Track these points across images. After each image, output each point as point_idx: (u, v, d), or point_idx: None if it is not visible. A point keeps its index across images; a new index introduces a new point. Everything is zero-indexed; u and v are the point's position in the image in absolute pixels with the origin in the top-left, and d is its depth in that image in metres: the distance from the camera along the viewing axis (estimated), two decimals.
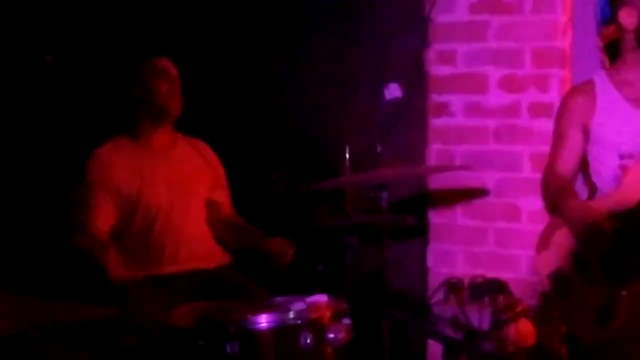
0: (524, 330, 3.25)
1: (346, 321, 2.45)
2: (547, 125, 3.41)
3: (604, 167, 2.70)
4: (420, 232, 3.66)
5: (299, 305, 2.43)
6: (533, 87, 3.48)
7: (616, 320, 2.55)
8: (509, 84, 3.52)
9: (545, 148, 3.38)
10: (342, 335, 2.40)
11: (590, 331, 2.65)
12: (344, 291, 2.75)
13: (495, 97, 3.54)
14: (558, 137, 2.82)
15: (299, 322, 2.36)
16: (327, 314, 2.42)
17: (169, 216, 3.21)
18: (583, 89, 2.77)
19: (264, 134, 3.91)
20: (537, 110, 3.47)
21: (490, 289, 3.44)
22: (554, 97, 3.43)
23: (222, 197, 3.40)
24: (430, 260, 3.68)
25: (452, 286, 3.55)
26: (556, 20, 3.44)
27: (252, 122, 3.93)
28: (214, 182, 3.38)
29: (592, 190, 2.78)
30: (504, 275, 3.42)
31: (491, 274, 3.43)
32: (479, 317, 3.26)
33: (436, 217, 3.68)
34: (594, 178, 2.75)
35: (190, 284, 3.14)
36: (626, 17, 2.67)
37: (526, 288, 3.39)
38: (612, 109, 2.68)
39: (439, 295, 3.57)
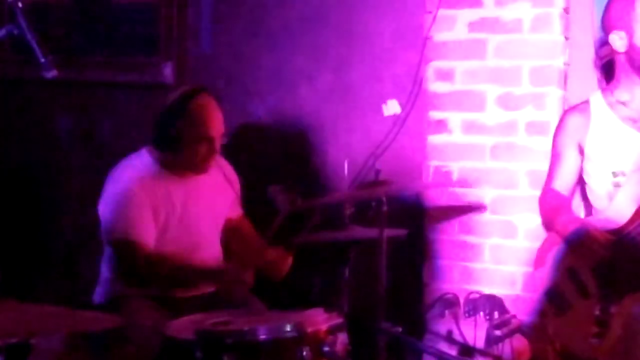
0: (518, 346, 3.29)
1: (343, 335, 2.48)
2: (543, 143, 3.46)
3: (599, 185, 2.75)
4: (417, 247, 3.68)
5: (296, 319, 2.45)
6: (530, 105, 3.51)
7: (611, 335, 2.58)
8: (507, 102, 3.55)
9: (542, 166, 3.43)
10: (338, 349, 2.42)
11: (585, 347, 2.68)
12: (340, 305, 2.77)
13: (493, 115, 3.58)
14: (555, 156, 2.88)
15: (296, 335, 2.38)
16: (324, 327, 2.44)
17: (193, 248, 3.18)
18: (579, 109, 2.84)
19: (265, 148, 3.95)
20: (534, 128, 3.50)
21: (485, 305, 3.48)
22: (550, 115, 3.46)
23: (237, 211, 3.43)
24: (427, 276, 3.70)
25: (448, 302, 3.60)
26: (554, 39, 3.47)
27: (252, 139, 3.96)
28: (234, 201, 3.40)
29: (588, 207, 2.83)
30: (499, 291, 3.47)
31: (487, 290, 3.48)
32: (474, 333, 3.29)
33: (433, 233, 3.71)
34: (590, 195, 2.81)
35: (194, 306, 3.09)
36: (617, 40, 2.72)
37: (522, 304, 3.42)
38: (607, 128, 2.74)
39: (435, 311, 3.61)
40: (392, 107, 3.82)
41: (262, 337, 2.38)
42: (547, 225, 2.87)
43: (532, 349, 3.27)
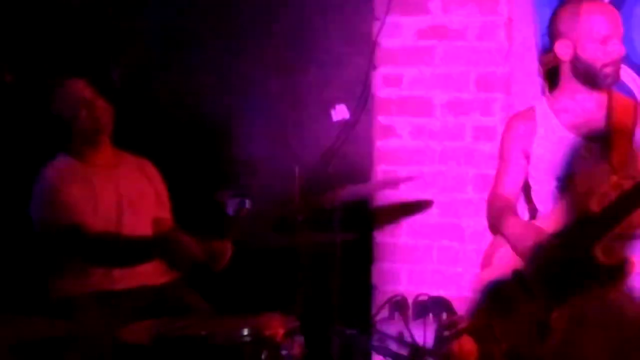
0: (466, 347, 3.35)
1: (299, 338, 2.50)
2: (489, 148, 3.55)
3: (544, 190, 2.81)
4: (366, 251, 3.73)
5: (253, 323, 2.47)
6: (477, 111, 3.59)
7: (554, 336, 2.65)
8: (454, 108, 3.63)
9: (488, 170, 3.51)
10: (295, 351, 2.45)
11: (530, 347, 2.74)
12: (295, 308, 2.80)
13: (441, 120, 3.65)
14: (502, 160, 2.95)
15: (254, 339, 2.40)
16: (281, 331, 2.46)
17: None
18: (524, 115, 2.90)
19: (213, 154, 3.95)
20: (481, 133, 3.59)
21: (434, 307, 3.54)
22: (496, 121, 3.56)
23: (165, 213, 3.45)
24: (376, 279, 3.75)
25: (397, 304, 3.64)
26: (499, 47, 3.56)
27: (201, 143, 3.96)
28: (157, 199, 3.42)
29: (533, 211, 2.91)
30: (447, 293, 3.53)
31: (435, 292, 3.55)
32: (424, 334, 3.35)
33: (381, 237, 3.76)
34: (535, 199, 2.88)
35: (136, 301, 3.17)
36: (562, 49, 2.80)
37: (469, 306, 3.49)
38: (551, 134, 2.79)
39: (385, 313, 3.66)
40: (340, 113, 3.86)
41: (220, 342, 2.39)
42: (494, 227, 2.94)
43: (480, 350, 3.34)
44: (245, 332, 2.43)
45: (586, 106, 2.76)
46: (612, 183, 2.61)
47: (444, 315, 3.47)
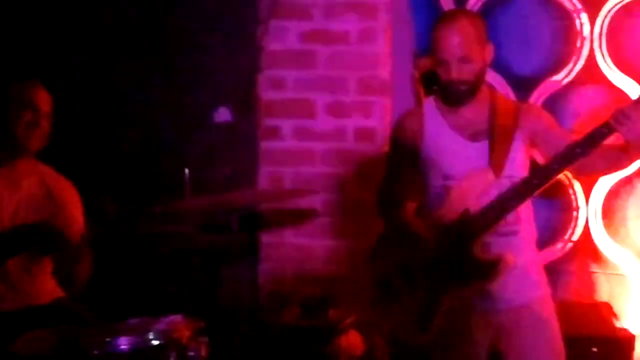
0: (353, 341, 3.46)
1: (205, 339, 2.52)
2: (370, 148, 3.69)
3: (431, 187, 2.88)
4: (253, 251, 3.77)
5: (158, 326, 2.47)
6: (358, 113, 3.72)
7: (435, 325, 2.78)
8: (336, 110, 3.74)
9: (370, 170, 3.65)
10: (202, 353, 2.46)
11: (412, 336, 2.85)
12: (198, 310, 2.80)
13: (323, 122, 3.75)
14: (391, 158, 2.99)
15: (161, 342, 2.40)
16: (187, 333, 2.47)
17: None
18: (413, 114, 2.95)
19: (99, 156, 3.87)
20: (362, 134, 3.72)
21: (321, 304, 3.64)
22: (376, 123, 3.70)
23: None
24: (262, 279, 3.80)
25: (284, 302, 3.72)
26: (378, 51, 3.70)
27: (86, 145, 3.87)
28: (61, 211, 3.28)
29: (420, 207, 2.99)
30: (333, 290, 3.64)
31: (323, 289, 3.64)
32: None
33: (267, 237, 3.81)
34: (422, 197, 2.95)
35: (24, 320, 3.01)
36: (426, 62, 2.92)
37: (355, 300, 3.62)
38: (438, 134, 2.85)
39: (273, 311, 3.72)
40: (223, 115, 3.89)
41: (126, 347, 2.37)
42: (383, 220, 3.01)
43: (366, 343, 3.46)
44: (152, 336, 2.42)
45: (469, 108, 2.81)
46: (490, 184, 2.72)
47: (331, 312, 3.58)
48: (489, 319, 2.79)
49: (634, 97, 3.67)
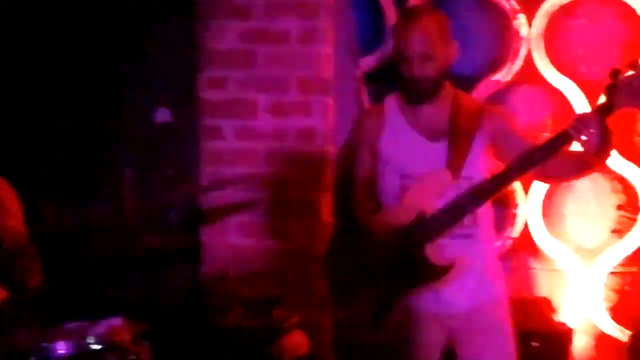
0: (297, 340, 3.45)
1: (146, 342, 2.48)
2: (311, 148, 3.68)
3: (388, 186, 2.81)
4: (194, 252, 3.74)
5: (98, 330, 2.42)
6: (299, 112, 3.71)
7: (390, 324, 2.77)
8: (277, 110, 3.72)
9: (311, 170, 3.65)
10: (144, 356, 2.43)
11: (369, 334, 2.82)
12: (139, 312, 2.76)
13: (264, 122, 3.73)
14: (353, 154, 2.89)
15: (102, 347, 2.35)
16: (127, 336, 2.43)
17: None
18: (374, 111, 2.89)
19: (35, 157, 3.79)
20: (303, 134, 3.71)
21: (265, 304, 3.63)
22: (317, 122, 3.69)
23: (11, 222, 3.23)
24: (205, 280, 3.77)
25: (228, 303, 3.69)
26: (319, 51, 3.70)
27: (24, 145, 3.79)
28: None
29: (378, 206, 2.87)
30: (279, 290, 3.63)
31: (267, 289, 3.63)
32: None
33: (208, 238, 3.78)
34: (380, 195, 2.86)
35: None
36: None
37: (300, 301, 3.62)
38: (397, 132, 2.80)
39: (216, 312, 3.69)
40: (163, 115, 3.85)
41: (65, 351, 2.32)
42: (337, 219, 2.95)
43: (310, 343, 3.45)
44: (92, 340, 2.37)
45: (431, 107, 2.75)
46: (447, 185, 2.66)
47: (275, 312, 3.56)
48: (442, 322, 2.77)
49: (573, 98, 3.79)
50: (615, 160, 3.66)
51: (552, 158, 2.59)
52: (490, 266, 2.82)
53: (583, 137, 2.54)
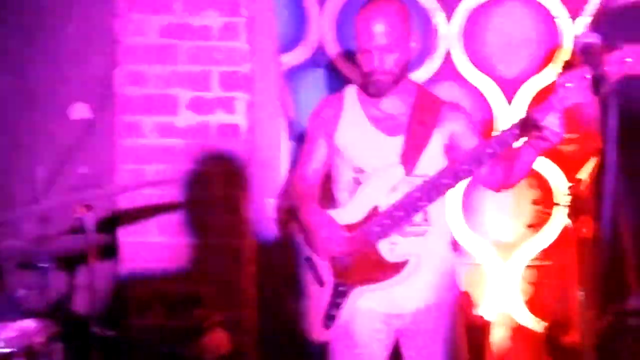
0: (218, 339, 3.43)
1: (58, 344, 2.43)
2: (234, 144, 3.66)
3: (342, 179, 2.76)
4: (115, 251, 3.67)
5: (7, 333, 2.35)
6: (220, 109, 3.68)
7: (340, 321, 2.72)
8: (198, 106, 3.68)
9: (233, 167, 3.62)
10: (56, 358, 2.37)
11: (318, 332, 2.77)
12: (54, 314, 2.70)
13: (185, 118, 3.69)
14: (306, 144, 2.85)
15: (12, 350, 2.29)
16: (39, 339, 2.37)
17: None
18: (332, 101, 2.80)
19: None
20: (225, 130, 3.68)
21: (185, 303, 3.60)
22: (239, 118, 3.67)
23: None
24: (123, 280, 3.70)
25: (148, 302, 3.65)
26: (240, 47, 3.67)
27: None
28: None
29: (331, 199, 2.82)
30: (200, 289, 3.60)
31: (188, 288, 3.59)
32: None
33: (127, 236, 3.71)
34: (333, 188, 2.81)
35: None
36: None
37: (222, 299, 3.59)
38: (354, 124, 2.73)
39: (136, 312, 3.64)
40: (80, 111, 3.77)
41: None
42: (294, 211, 2.88)
43: (233, 341, 3.43)
44: (2, 343, 2.31)
45: (391, 100, 2.71)
46: (401, 180, 2.63)
47: (197, 311, 3.54)
48: (389, 322, 2.75)
49: (491, 96, 3.84)
50: None
51: (504, 151, 2.53)
52: (442, 266, 2.77)
53: (531, 132, 2.45)
